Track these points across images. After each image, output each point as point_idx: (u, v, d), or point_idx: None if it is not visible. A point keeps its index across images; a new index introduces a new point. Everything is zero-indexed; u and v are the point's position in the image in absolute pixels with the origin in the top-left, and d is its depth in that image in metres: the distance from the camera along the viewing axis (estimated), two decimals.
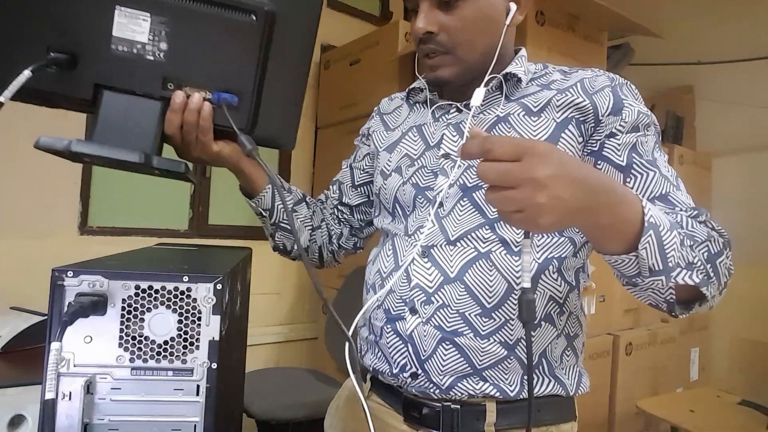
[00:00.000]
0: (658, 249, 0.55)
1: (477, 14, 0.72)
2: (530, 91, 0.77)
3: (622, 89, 0.75)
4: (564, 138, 0.73)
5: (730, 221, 2.66)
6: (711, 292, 0.59)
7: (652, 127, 0.73)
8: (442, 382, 0.73)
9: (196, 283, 0.53)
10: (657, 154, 0.72)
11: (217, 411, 0.54)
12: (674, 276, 0.56)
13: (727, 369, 2.42)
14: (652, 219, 0.54)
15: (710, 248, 0.60)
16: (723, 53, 2.50)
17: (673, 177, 0.71)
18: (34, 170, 1.92)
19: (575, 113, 0.73)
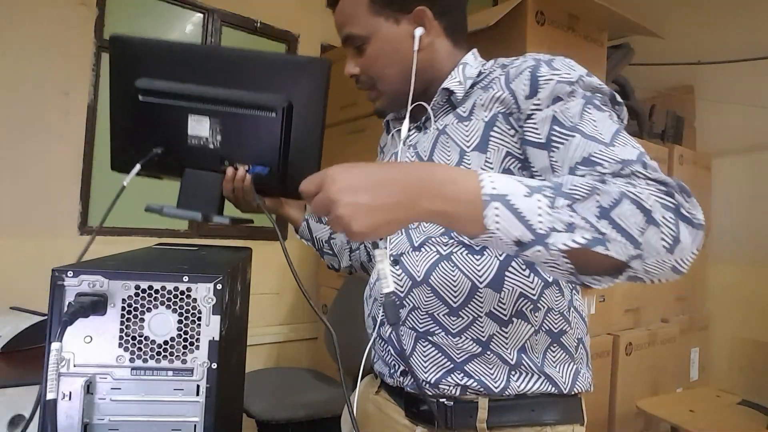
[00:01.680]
0: (515, 218, 0.51)
1: (380, 51, 0.79)
2: (470, 97, 0.78)
3: (542, 67, 0.70)
4: (494, 136, 0.73)
5: (730, 221, 2.67)
6: (619, 251, 0.51)
7: (578, 91, 0.67)
8: (429, 377, 0.76)
9: (196, 283, 0.53)
10: (586, 115, 0.65)
11: (217, 411, 0.54)
12: (550, 242, 0.51)
13: (727, 369, 2.42)
14: (496, 190, 0.52)
15: (600, 202, 0.52)
16: (723, 53, 2.50)
17: (605, 133, 0.62)
18: (34, 170, 1.92)
19: (500, 108, 0.73)
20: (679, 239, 0.51)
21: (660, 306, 2.23)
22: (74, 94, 2.00)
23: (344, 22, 0.80)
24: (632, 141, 0.62)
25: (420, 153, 0.81)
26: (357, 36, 0.79)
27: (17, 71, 1.88)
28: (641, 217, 0.51)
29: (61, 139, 1.98)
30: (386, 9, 0.78)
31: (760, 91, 2.39)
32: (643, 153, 0.60)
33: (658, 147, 2.23)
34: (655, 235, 0.51)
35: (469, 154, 0.74)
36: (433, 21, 0.78)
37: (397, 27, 0.78)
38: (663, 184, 0.54)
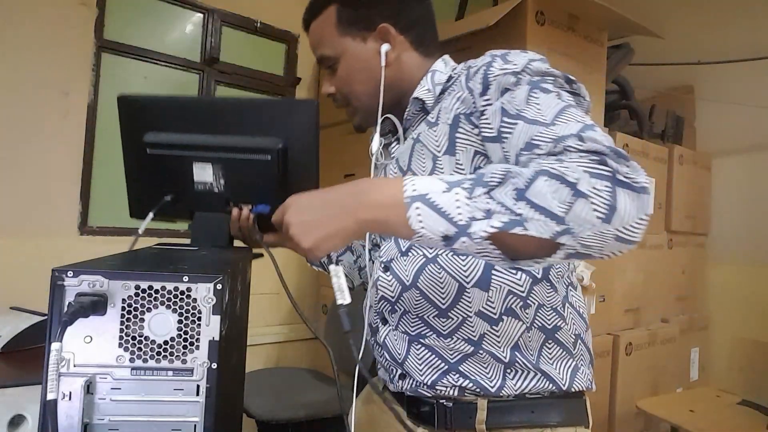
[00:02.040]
0: (436, 214, 0.53)
1: (350, 70, 0.83)
2: (438, 103, 0.80)
3: (495, 62, 0.71)
4: (460, 137, 0.74)
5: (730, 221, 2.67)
6: (540, 229, 0.51)
7: (523, 79, 0.68)
8: (425, 379, 0.76)
9: (196, 283, 0.53)
10: (531, 100, 0.64)
11: (217, 411, 0.54)
12: (472, 231, 0.52)
13: (727, 369, 2.42)
14: (417, 191, 0.55)
15: (516, 184, 0.52)
16: (723, 53, 2.50)
17: (548, 114, 0.61)
18: (34, 170, 1.92)
19: (461, 108, 0.74)
20: (615, 207, 0.50)
21: (660, 306, 2.24)
22: (74, 94, 2.00)
23: (316, 44, 0.85)
24: (579, 116, 0.60)
25: (400, 164, 0.83)
26: (328, 57, 0.83)
27: (17, 71, 1.88)
28: (566, 191, 0.50)
29: (61, 139, 1.98)
30: (352, 28, 0.81)
31: (760, 91, 2.39)
32: (586, 126, 0.57)
33: (658, 147, 2.23)
34: (584, 207, 0.50)
35: (440, 159, 0.75)
36: (398, 36, 0.81)
37: (364, 45, 0.81)
38: (595, 153, 0.53)
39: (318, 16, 0.83)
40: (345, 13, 0.81)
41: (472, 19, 1.87)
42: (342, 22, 0.81)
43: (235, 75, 2.37)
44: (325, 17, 0.82)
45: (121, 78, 2.15)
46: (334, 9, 0.82)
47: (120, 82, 2.15)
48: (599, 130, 0.57)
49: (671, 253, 2.30)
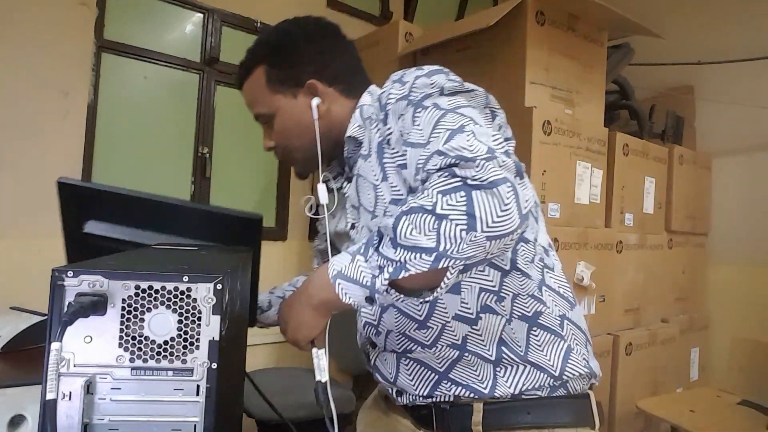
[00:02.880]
0: (352, 284, 0.61)
1: (285, 125, 0.85)
2: None
3: (391, 90, 0.75)
4: (387, 163, 0.76)
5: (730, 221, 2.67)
6: (420, 265, 0.56)
7: (411, 101, 0.71)
8: (420, 392, 0.78)
9: (196, 283, 0.53)
10: (416, 121, 0.69)
11: (217, 411, 0.54)
12: (377, 286, 0.59)
13: (727, 369, 2.42)
14: (335, 270, 0.63)
15: (389, 235, 0.58)
16: (723, 53, 2.50)
17: (425, 133, 0.67)
18: (34, 170, 1.92)
19: (378, 137, 0.77)
20: (473, 214, 0.54)
21: (660, 306, 2.24)
22: (74, 94, 2.00)
23: (250, 102, 0.88)
24: (450, 120, 0.65)
25: (352, 202, 0.85)
26: (263, 114, 0.86)
27: (17, 71, 1.88)
28: (429, 220, 0.56)
29: (61, 139, 1.98)
30: (282, 86, 0.84)
31: (760, 91, 2.39)
32: (451, 134, 0.62)
33: (658, 147, 2.23)
34: (449, 227, 0.55)
35: (379, 187, 0.77)
36: (326, 89, 0.84)
37: (295, 101, 0.84)
38: (447, 168, 0.58)
39: (249, 77, 0.87)
40: (273, 73, 0.84)
41: (472, 19, 1.87)
42: (272, 81, 0.84)
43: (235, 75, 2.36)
44: (255, 78, 0.85)
45: (121, 78, 2.15)
46: (262, 70, 0.85)
47: (120, 82, 2.15)
48: (468, 129, 0.62)
49: (671, 253, 2.30)
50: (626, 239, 2.01)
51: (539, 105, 1.68)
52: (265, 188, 2.53)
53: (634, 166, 2.06)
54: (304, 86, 0.83)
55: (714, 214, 2.56)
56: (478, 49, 1.82)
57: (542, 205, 1.66)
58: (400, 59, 2.04)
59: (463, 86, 0.74)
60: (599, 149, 1.88)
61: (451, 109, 0.68)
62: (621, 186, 1.99)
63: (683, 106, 2.56)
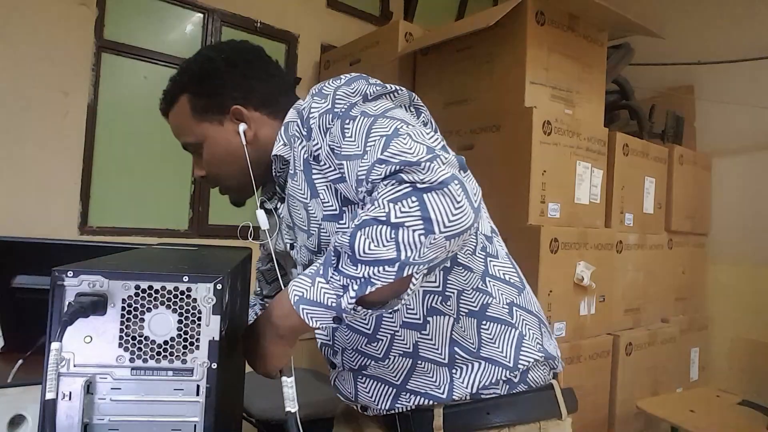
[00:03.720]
0: (317, 307, 0.60)
1: (214, 153, 0.83)
2: None
3: (313, 104, 0.73)
4: (316, 179, 0.74)
5: (730, 221, 2.67)
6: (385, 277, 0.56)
7: (335, 114, 0.70)
8: (382, 406, 0.78)
9: (196, 283, 0.53)
10: (346, 134, 0.67)
11: (217, 411, 0.54)
12: (343, 307, 0.58)
13: (727, 369, 2.42)
14: (297, 295, 0.61)
15: (347, 252, 0.57)
16: (723, 53, 2.50)
17: (359, 143, 0.65)
18: (34, 170, 1.92)
19: (305, 154, 0.75)
20: (428, 216, 0.54)
21: (660, 306, 2.23)
22: (74, 94, 2.00)
23: (177, 132, 0.86)
24: (382, 126, 0.63)
25: (287, 222, 0.83)
26: (191, 143, 0.84)
27: (17, 71, 1.88)
28: (384, 230, 0.55)
29: (61, 139, 1.98)
30: (207, 114, 0.82)
31: (760, 91, 2.39)
32: (386, 141, 0.60)
33: (658, 147, 2.23)
34: (406, 234, 0.54)
35: (310, 205, 0.76)
36: (252, 113, 0.82)
37: (222, 128, 0.82)
38: (393, 176, 0.57)
39: (173, 106, 0.84)
40: (197, 102, 0.82)
41: (472, 19, 1.87)
42: (196, 110, 0.82)
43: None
44: (179, 107, 0.83)
45: (121, 78, 2.15)
46: (186, 98, 0.83)
47: (120, 82, 2.15)
48: (403, 131, 0.60)
49: (671, 253, 2.30)
50: (626, 239, 2.01)
51: (539, 105, 1.68)
52: None
53: (634, 166, 2.06)
54: (229, 113, 0.81)
55: (714, 214, 2.56)
56: (478, 49, 1.82)
57: (542, 205, 1.66)
58: (400, 59, 2.04)
59: (385, 88, 0.73)
60: (599, 149, 1.88)
61: (380, 113, 0.66)
62: (621, 186, 1.99)
63: (683, 106, 2.56)
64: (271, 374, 0.68)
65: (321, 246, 0.76)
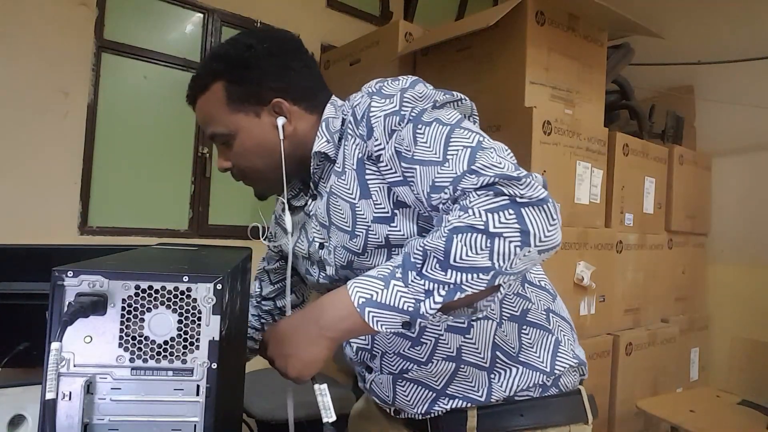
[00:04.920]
0: (388, 311, 0.59)
1: (246, 146, 0.79)
2: (340, 150, 0.78)
3: (373, 103, 0.71)
4: (370, 179, 0.72)
5: (730, 221, 2.67)
6: (476, 284, 0.56)
7: (404, 116, 0.68)
8: (418, 411, 0.77)
9: (196, 283, 0.53)
10: (418, 139, 0.66)
11: (217, 411, 0.54)
12: (422, 312, 0.58)
13: (727, 369, 2.42)
14: (362, 297, 0.60)
15: (436, 256, 0.57)
16: (723, 53, 2.50)
17: (437, 149, 0.65)
18: (34, 170, 1.92)
19: (359, 153, 0.73)
20: (527, 230, 0.56)
21: (660, 306, 2.23)
22: (74, 94, 2.00)
23: (206, 121, 0.80)
24: (464, 137, 0.64)
25: (320, 220, 0.81)
26: (221, 134, 0.79)
27: (17, 71, 1.88)
28: (481, 239, 0.56)
29: (61, 139, 1.98)
30: (244, 105, 0.77)
31: (760, 91, 2.39)
32: (473, 152, 0.61)
33: (658, 147, 2.23)
34: (503, 244, 0.56)
35: (358, 205, 0.74)
36: (292, 107, 0.79)
37: (259, 120, 0.78)
38: (489, 187, 0.58)
39: (204, 92, 0.79)
40: (233, 90, 0.77)
41: (472, 19, 1.87)
42: (232, 99, 0.77)
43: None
44: (212, 95, 0.78)
45: (121, 78, 2.15)
46: (221, 86, 0.77)
47: (120, 82, 2.15)
48: (486, 145, 0.62)
49: (671, 253, 2.30)
50: (626, 239, 2.01)
51: (539, 105, 1.68)
52: None
53: (634, 166, 2.06)
54: (268, 105, 0.78)
55: (714, 214, 2.56)
56: (478, 49, 1.82)
57: None
58: (400, 59, 2.04)
59: (452, 96, 0.73)
60: (599, 149, 1.88)
61: (455, 123, 0.66)
62: (621, 186, 1.99)
63: (683, 106, 2.56)
64: (303, 379, 0.66)
65: (367, 248, 0.74)
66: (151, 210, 2.23)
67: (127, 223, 2.15)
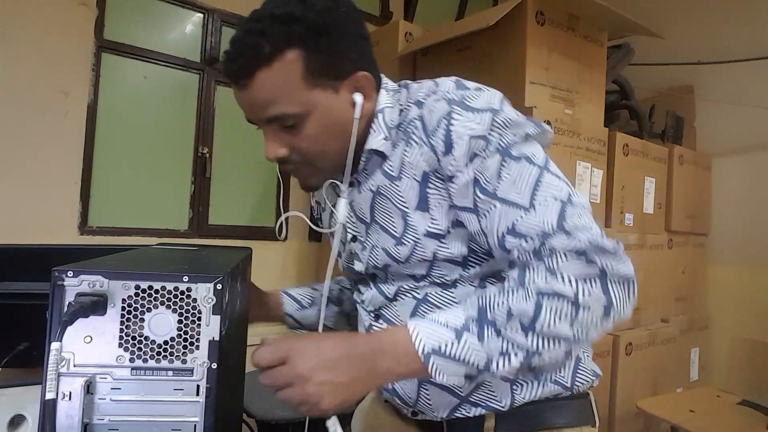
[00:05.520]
0: (455, 364, 0.56)
1: (321, 127, 0.68)
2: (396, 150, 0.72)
3: (455, 117, 0.65)
4: (432, 194, 0.69)
5: (730, 221, 2.66)
6: (554, 354, 0.56)
7: (492, 142, 0.64)
8: (439, 415, 0.76)
9: (196, 283, 0.53)
10: (503, 173, 0.63)
11: (217, 411, 0.54)
12: (492, 369, 0.57)
13: (727, 369, 2.42)
14: (428, 347, 0.56)
15: (521, 319, 0.56)
16: (723, 53, 2.50)
17: (524, 192, 0.62)
18: (34, 170, 1.92)
19: (426, 166, 0.68)
20: (611, 305, 0.56)
21: (660, 306, 2.23)
22: (74, 94, 2.00)
23: (270, 100, 0.66)
24: (552, 184, 0.62)
25: (358, 213, 0.77)
26: (290, 115, 0.66)
27: (17, 71, 1.88)
28: (568, 308, 0.55)
29: (61, 139, 1.98)
30: (323, 79, 0.66)
31: (760, 91, 2.39)
32: (564, 206, 0.60)
33: (658, 147, 2.23)
34: (587, 316, 0.56)
35: (411, 215, 0.70)
36: (372, 82, 0.71)
37: (337, 97, 0.68)
38: (581, 253, 0.57)
39: (271, 63, 0.64)
40: (314, 60, 0.65)
41: (472, 19, 1.87)
42: (310, 71, 0.65)
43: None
44: (283, 66, 0.64)
45: (121, 78, 2.15)
46: (297, 55, 0.64)
47: (120, 82, 2.15)
48: (575, 201, 0.61)
49: (671, 253, 2.30)
50: (626, 239, 2.01)
51: (539, 105, 1.68)
52: (265, 188, 2.53)
53: (634, 166, 2.06)
54: (348, 78, 0.68)
55: (714, 214, 2.55)
56: (478, 49, 1.82)
57: None
58: (400, 59, 2.04)
59: (540, 127, 0.69)
60: (599, 149, 1.88)
61: (544, 165, 0.64)
62: (621, 186, 1.99)
63: (683, 106, 2.56)
64: (330, 414, 0.58)
65: (411, 258, 0.71)
66: (151, 210, 2.23)
67: (127, 223, 2.15)
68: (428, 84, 0.73)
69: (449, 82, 0.71)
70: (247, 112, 0.70)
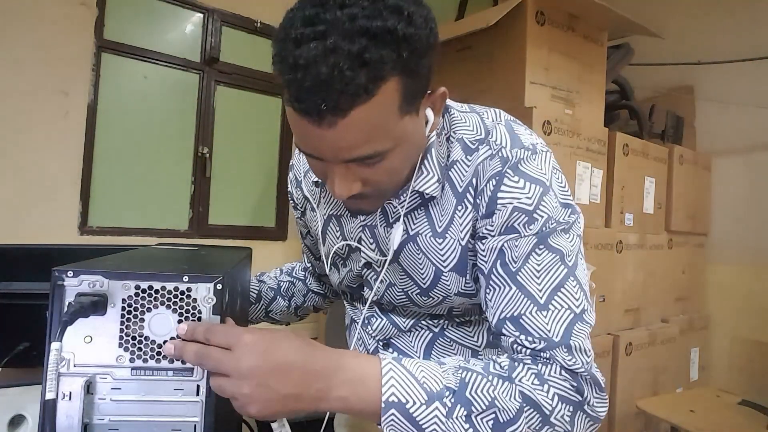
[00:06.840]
0: (410, 425, 0.52)
1: (404, 157, 0.60)
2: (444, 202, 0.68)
3: (506, 180, 0.61)
4: (472, 259, 0.67)
5: (730, 221, 2.67)
6: None
7: (534, 223, 0.61)
8: None
9: (196, 283, 0.53)
10: (532, 260, 0.60)
11: (217, 411, 0.54)
12: None
13: (727, 369, 2.42)
14: (395, 397, 0.52)
15: (498, 416, 0.54)
16: (723, 53, 2.50)
17: (544, 289, 0.59)
18: (34, 170, 1.92)
19: (470, 227, 0.66)
20: None
21: (660, 306, 2.23)
22: (74, 94, 2.00)
23: (363, 140, 0.54)
24: (572, 293, 0.60)
25: (380, 241, 0.71)
26: (381, 152, 0.56)
27: (17, 71, 1.88)
28: (537, 420, 0.55)
29: (61, 139, 1.98)
30: (414, 102, 0.57)
31: (760, 91, 2.39)
32: (575, 320, 0.60)
33: (658, 147, 2.23)
34: None
35: (446, 275, 0.68)
36: (446, 96, 0.63)
37: (418, 119, 0.59)
38: (575, 375, 0.57)
39: (371, 98, 0.51)
40: (410, 86, 0.54)
41: (472, 19, 1.87)
42: (406, 99, 0.55)
43: (235, 75, 2.37)
44: (384, 98, 0.52)
45: (121, 78, 2.15)
46: (397, 83, 0.52)
47: (120, 82, 2.15)
48: (586, 318, 0.61)
49: (671, 253, 2.30)
50: (626, 239, 2.01)
51: (539, 105, 1.68)
52: (265, 188, 2.53)
53: (634, 166, 2.06)
54: (428, 95, 0.60)
55: (714, 214, 2.56)
56: (478, 49, 1.82)
57: None
58: None
59: (577, 214, 0.66)
60: (599, 149, 1.88)
61: (572, 268, 0.61)
62: (621, 186, 1.99)
63: (683, 106, 2.56)
64: (265, 420, 0.55)
65: (435, 307, 0.72)
66: (151, 210, 2.23)
67: (127, 223, 2.15)
68: (474, 120, 0.67)
69: (502, 128, 0.65)
70: (321, 150, 0.56)
